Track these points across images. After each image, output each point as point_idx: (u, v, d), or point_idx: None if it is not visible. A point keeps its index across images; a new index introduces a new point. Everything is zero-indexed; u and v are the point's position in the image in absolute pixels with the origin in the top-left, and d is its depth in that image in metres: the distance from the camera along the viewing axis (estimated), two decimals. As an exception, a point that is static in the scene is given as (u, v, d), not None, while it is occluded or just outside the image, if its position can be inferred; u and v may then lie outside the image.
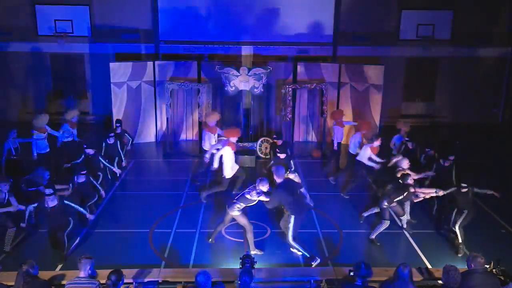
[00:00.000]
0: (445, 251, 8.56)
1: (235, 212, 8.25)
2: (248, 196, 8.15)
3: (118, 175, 11.56)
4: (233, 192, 10.26)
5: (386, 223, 8.81)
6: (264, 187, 8.08)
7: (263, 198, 8.10)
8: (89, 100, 17.29)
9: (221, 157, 10.27)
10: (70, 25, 16.54)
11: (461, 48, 17.33)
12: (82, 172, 9.45)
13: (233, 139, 10.52)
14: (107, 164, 10.98)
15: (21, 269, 5.90)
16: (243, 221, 8.36)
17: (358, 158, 10.88)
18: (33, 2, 16.44)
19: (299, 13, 16.64)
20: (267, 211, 9.98)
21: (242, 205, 8.21)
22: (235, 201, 8.26)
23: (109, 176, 11.56)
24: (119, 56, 16.46)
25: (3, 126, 15.87)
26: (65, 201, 8.25)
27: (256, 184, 8.14)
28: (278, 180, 8.30)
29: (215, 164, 10.32)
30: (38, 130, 11.02)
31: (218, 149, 10.44)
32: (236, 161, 10.81)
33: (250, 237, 8.40)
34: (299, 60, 15.64)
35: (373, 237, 8.90)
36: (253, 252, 8.30)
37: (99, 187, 10.10)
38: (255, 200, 8.19)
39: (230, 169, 10.35)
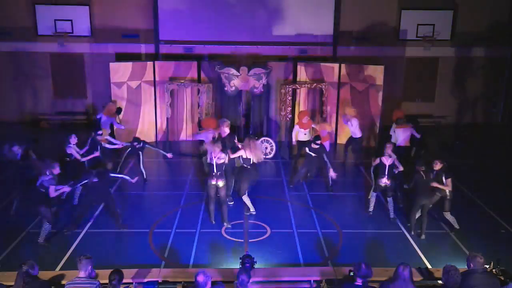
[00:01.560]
0: (445, 251, 8.56)
1: (221, 182, 9.20)
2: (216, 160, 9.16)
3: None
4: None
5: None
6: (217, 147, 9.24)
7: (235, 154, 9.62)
8: (89, 100, 17.27)
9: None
10: (70, 25, 16.53)
11: (461, 48, 17.34)
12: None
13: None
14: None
15: (21, 269, 5.87)
16: (223, 193, 9.33)
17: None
18: (33, 2, 16.42)
19: (299, 13, 16.63)
20: (267, 212, 10.01)
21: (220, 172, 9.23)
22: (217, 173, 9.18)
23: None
24: (119, 56, 16.46)
25: (3, 127, 15.95)
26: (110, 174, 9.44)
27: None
28: (224, 134, 10.59)
29: None
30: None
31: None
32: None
33: (225, 210, 9.41)
34: (299, 60, 15.62)
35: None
36: (225, 224, 9.36)
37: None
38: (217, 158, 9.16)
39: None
